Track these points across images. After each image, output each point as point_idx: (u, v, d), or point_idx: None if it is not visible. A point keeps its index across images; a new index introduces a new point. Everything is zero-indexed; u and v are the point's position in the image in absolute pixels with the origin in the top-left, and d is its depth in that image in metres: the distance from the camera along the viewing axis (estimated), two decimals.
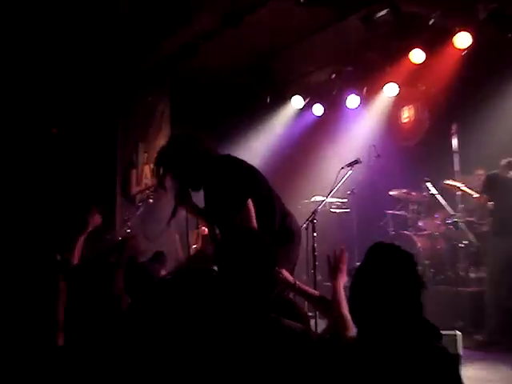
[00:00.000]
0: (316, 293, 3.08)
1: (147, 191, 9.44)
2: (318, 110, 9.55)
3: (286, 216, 3.98)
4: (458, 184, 6.89)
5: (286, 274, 3.06)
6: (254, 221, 3.64)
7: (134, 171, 9.96)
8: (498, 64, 7.40)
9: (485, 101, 7.50)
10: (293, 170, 9.98)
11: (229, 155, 3.92)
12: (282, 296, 3.12)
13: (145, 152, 9.97)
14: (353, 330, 2.42)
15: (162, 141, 9.66)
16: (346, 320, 2.57)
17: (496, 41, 7.19)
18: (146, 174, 9.98)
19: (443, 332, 2.26)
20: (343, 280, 2.93)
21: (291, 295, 3.41)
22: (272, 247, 2.44)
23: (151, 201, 8.29)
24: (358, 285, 2.21)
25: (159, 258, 3.88)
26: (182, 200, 4.00)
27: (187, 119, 9.61)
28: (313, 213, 5.70)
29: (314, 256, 5.62)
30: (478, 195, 6.60)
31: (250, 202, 3.67)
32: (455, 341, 4.59)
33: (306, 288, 3.10)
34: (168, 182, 3.91)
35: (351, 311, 2.25)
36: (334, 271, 3.00)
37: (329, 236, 8.49)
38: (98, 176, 9.37)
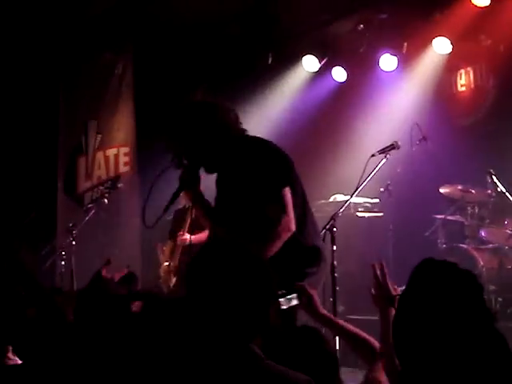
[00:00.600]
0: (349, 327, 3.20)
1: (101, 188, 9.39)
2: (339, 74, 9.57)
3: (316, 229, 4.37)
4: None
5: (314, 293, 3.21)
6: (292, 215, 4.03)
7: (82, 160, 9.96)
8: None
9: None
10: (305, 159, 9.83)
11: (259, 137, 4.32)
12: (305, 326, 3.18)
13: (98, 133, 9.98)
14: None
15: (121, 117, 9.63)
16: None
17: None
18: (100, 163, 9.96)
19: None
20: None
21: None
22: (268, 269, 2.52)
23: (106, 201, 8.24)
24: (403, 318, 2.25)
25: (129, 280, 4.01)
26: (190, 184, 4.32)
27: (158, 86, 9.55)
28: (332, 218, 5.60)
29: (334, 278, 5.50)
30: None
31: (287, 191, 4.04)
32: None
33: (335, 319, 3.26)
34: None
35: (397, 354, 2.30)
36: (381, 295, 3.10)
37: (354, 250, 8.43)
38: (32, 167, 9.34)
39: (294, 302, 3.22)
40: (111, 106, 9.80)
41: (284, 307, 3.17)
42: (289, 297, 3.20)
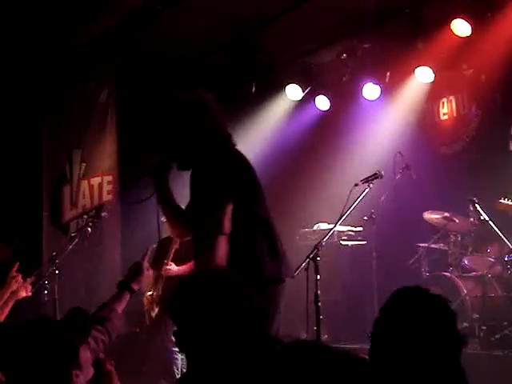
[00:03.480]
0: None
1: (85, 217, 9.33)
2: (322, 103, 9.57)
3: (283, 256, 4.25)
4: None
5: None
6: (225, 235, 4.02)
7: (67, 188, 9.90)
8: None
9: None
10: (289, 187, 9.93)
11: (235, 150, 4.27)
12: None
13: (82, 162, 9.92)
14: None
15: (106, 145, 9.61)
16: None
17: None
18: (85, 192, 9.93)
19: None
20: None
21: None
22: (254, 303, 2.56)
23: (90, 230, 8.17)
24: (377, 344, 2.29)
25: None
26: (157, 171, 4.33)
27: (142, 115, 9.54)
28: (315, 247, 5.62)
29: (318, 307, 5.52)
30: None
31: (229, 208, 4.03)
32: None
33: None
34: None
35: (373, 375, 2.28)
36: None
37: (337, 279, 8.40)
38: (17, 196, 9.26)
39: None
40: (95, 135, 9.77)
41: None
42: None
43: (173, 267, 7.72)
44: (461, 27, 7.77)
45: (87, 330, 3.14)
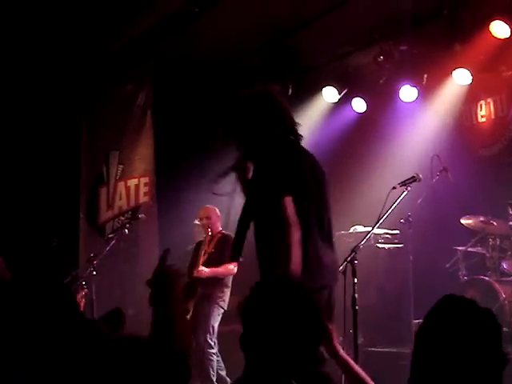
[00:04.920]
0: (362, 375, 3.13)
1: (122, 218, 9.41)
2: (359, 105, 9.56)
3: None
4: None
5: (335, 334, 3.17)
6: (294, 219, 4.20)
7: (103, 190, 9.98)
8: None
9: None
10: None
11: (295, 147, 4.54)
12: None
13: (119, 164, 9.99)
14: None
15: (142, 147, 9.68)
16: None
17: None
18: (121, 193, 9.99)
19: None
20: None
21: None
22: (317, 306, 2.63)
23: (127, 231, 8.25)
24: (420, 352, 2.27)
25: (114, 318, 3.67)
26: (241, 170, 4.56)
27: (178, 117, 9.61)
28: (353, 250, 5.50)
29: (355, 311, 5.45)
30: None
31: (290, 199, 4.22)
32: None
33: (353, 364, 3.16)
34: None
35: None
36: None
37: (374, 282, 8.37)
38: (54, 197, 9.36)
39: None
40: (132, 137, 9.83)
41: None
42: None
43: (204, 269, 7.79)
44: (500, 29, 7.72)
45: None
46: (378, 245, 8.67)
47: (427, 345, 2.25)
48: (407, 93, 8.99)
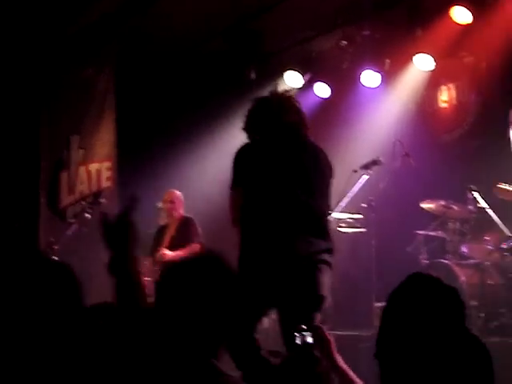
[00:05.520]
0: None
1: (83, 203, 9.35)
2: (322, 90, 9.57)
3: None
4: None
5: (328, 335, 3.10)
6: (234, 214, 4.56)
7: (64, 175, 9.89)
8: None
9: None
10: None
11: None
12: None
13: (80, 148, 9.92)
14: None
15: (104, 132, 9.63)
16: None
17: None
18: (82, 178, 9.93)
19: None
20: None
21: None
22: (237, 285, 2.55)
23: (89, 216, 8.20)
24: (386, 331, 2.29)
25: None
26: None
27: (140, 101, 9.56)
28: None
29: None
30: None
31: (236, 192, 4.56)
32: None
33: (346, 368, 3.07)
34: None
35: (379, 361, 2.30)
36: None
37: (336, 266, 8.37)
38: (14, 182, 9.27)
39: (309, 340, 3.09)
40: (94, 121, 9.76)
41: (298, 342, 3.11)
42: (305, 333, 3.13)
43: (168, 252, 7.81)
44: (461, 14, 7.80)
45: None
46: (340, 229, 8.63)
47: (393, 320, 2.27)
48: (370, 78, 9.02)
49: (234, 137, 9.39)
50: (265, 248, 4.55)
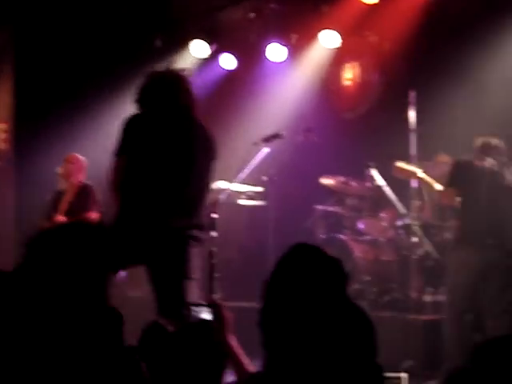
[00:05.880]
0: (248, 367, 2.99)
1: None
2: (227, 61, 9.54)
3: None
4: (416, 169, 6.86)
5: (227, 313, 3.05)
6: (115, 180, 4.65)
7: None
8: (478, 14, 7.49)
9: (455, 63, 7.56)
10: None
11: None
12: None
13: None
14: None
15: (2, 94, 9.39)
16: None
17: None
18: None
19: (385, 375, 2.40)
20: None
21: None
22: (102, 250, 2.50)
23: None
24: (270, 301, 2.30)
25: None
26: None
27: (42, 62, 9.31)
28: (212, 204, 5.60)
29: (212, 265, 5.59)
30: (441, 188, 6.60)
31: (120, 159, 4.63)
32: None
33: (238, 349, 3.01)
34: None
35: (262, 336, 2.32)
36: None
37: (234, 238, 8.42)
38: None
39: (206, 317, 3.13)
40: None
41: (195, 317, 3.08)
42: (202, 308, 3.10)
43: (62, 219, 7.67)
44: None
45: None
46: (240, 201, 8.65)
47: (275, 289, 2.29)
48: (277, 52, 9.00)
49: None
50: (140, 215, 4.66)
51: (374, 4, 7.95)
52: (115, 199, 4.70)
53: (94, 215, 7.55)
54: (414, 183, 7.19)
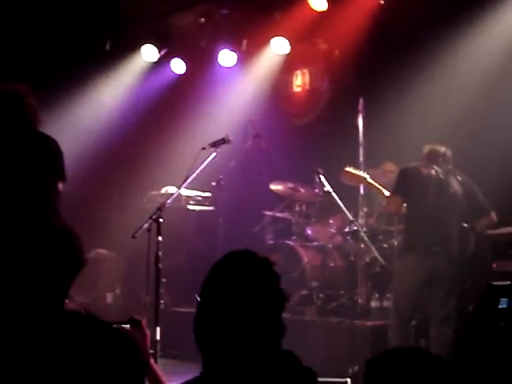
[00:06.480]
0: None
1: None
2: (178, 66, 9.52)
3: None
4: (365, 174, 6.88)
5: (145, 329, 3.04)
6: None
7: None
8: (421, 23, 7.58)
9: (401, 71, 7.60)
10: (138, 150, 9.78)
11: None
12: None
13: None
14: None
15: None
16: None
17: None
18: None
19: (331, 380, 2.57)
20: None
21: None
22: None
23: None
24: (204, 306, 2.33)
25: None
26: None
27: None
28: (158, 208, 5.61)
29: (158, 269, 5.53)
30: (388, 194, 6.63)
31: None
32: None
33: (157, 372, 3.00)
34: None
35: (197, 340, 2.32)
36: None
37: (183, 242, 8.38)
38: None
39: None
40: None
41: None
42: (123, 325, 3.05)
43: None
44: (317, 2, 7.92)
45: None
46: (189, 206, 8.66)
47: (208, 294, 2.32)
48: (226, 57, 9.00)
49: (83, 109, 9.25)
50: None
51: (324, 12, 7.96)
52: None
53: None
54: (361, 190, 7.23)
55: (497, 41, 7.18)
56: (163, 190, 8.57)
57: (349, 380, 4.71)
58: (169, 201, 5.79)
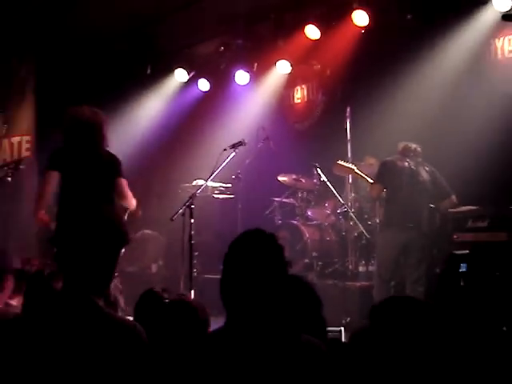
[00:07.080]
0: None
1: (5, 168, 8.95)
2: (203, 85, 9.48)
3: None
4: (352, 166, 6.88)
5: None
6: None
7: None
8: (395, 46, 7.57)
9: (379, 84, 7.57)
10: (175, 150, 9.80)
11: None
12: None
13: (4, 124, 9.48)
14: None
15: (25, 111, 9.25)
16: None
17: (394, 22, 7.38)
18: (6, 148, 9.52)
19: (328, 329, 2.57)
20: None
21: None
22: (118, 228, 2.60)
23: (10, 179, 7.81)
24: (226, 273, 2.33)
25: None
26: None
27: (57, 88, 9.19)
28: (190, 197, 5.62)
29: (191, 245, 5.57)
30: (372, 181, 6.62)
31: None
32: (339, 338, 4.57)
33: None
34: None
35: (222, 298, 2.34)
36: None
37: (210, 224, 8.37)
38: None
39: None
40: (16, 102, 9.34)
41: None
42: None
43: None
44: (312, 32, 7.89)
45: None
46: (214, 195, 8.63)
47: (231, 263, 2.33)
48: (241, 77, 8.97)
49: (134, 119, 9.32)
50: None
51: (318, 40, 7.94)
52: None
53: None
54: (350, 179, 7.22)
55: (458, 57, 7.17)
56: (194, 183, 8.52)
57: (342, 329, 4.68)
58: (198, 191, 5.80)
